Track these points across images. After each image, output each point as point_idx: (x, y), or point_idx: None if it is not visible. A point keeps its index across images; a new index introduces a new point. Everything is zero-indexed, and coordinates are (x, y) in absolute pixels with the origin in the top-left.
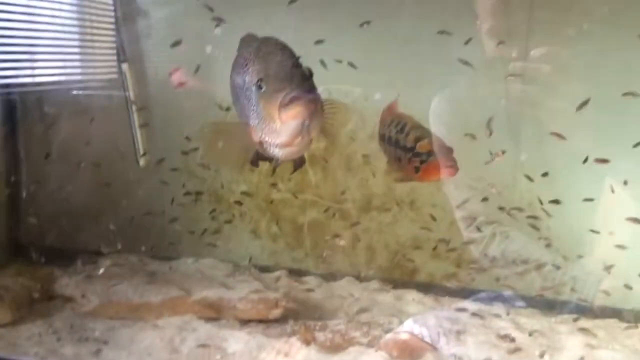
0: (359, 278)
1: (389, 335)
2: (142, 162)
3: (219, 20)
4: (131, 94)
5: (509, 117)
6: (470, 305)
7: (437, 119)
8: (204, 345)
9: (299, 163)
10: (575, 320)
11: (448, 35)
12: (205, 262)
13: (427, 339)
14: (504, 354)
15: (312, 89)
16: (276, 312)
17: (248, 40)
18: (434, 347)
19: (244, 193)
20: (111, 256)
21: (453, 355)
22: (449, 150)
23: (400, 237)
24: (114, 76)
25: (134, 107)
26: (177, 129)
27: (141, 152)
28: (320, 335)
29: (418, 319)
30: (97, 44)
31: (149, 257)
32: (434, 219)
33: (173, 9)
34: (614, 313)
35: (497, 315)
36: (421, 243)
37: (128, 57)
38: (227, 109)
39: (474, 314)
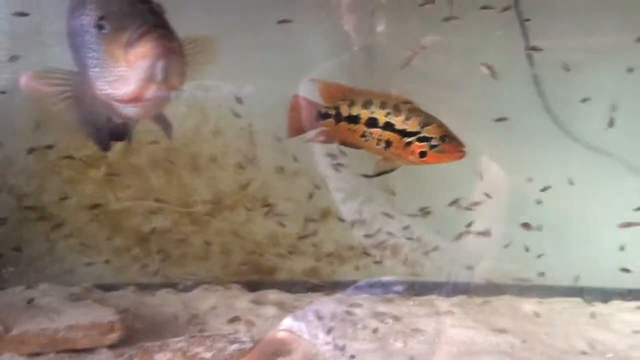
0: (215, 284)
1: (267, 335)
2: None
3: None
4: None
5: None
6: (341, 297)
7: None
8: None
9: (164, 124)
10: (433, 301)
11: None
12: (38, 289)
13: (305, 335)
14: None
15: (164, 24)
16: (112, 337)
17: None
18: (312, 342)
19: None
20: None
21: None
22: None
23: (256, 235)
24: None
25: None
26: None
27: None
28: (160, 357)
29: (297, 316)
30: None
31: None
32: None
33: None
34: (471, 289)
35: (358, 305)
36: (278, 240)
37: None
38: None
39: (351, 305)
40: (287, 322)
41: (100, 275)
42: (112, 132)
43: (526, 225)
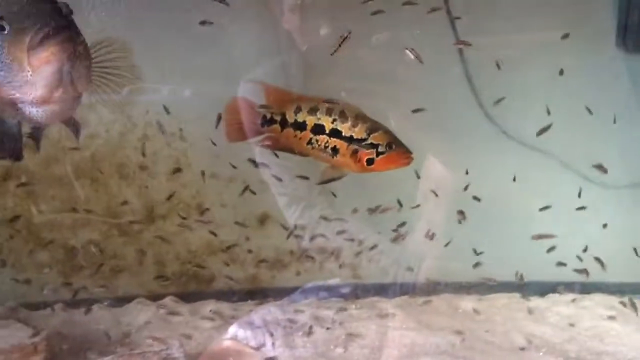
0: (150, 297)
1: (212, 345)
2: None
3: None
4: None
5: None
6: (282, 303)
7: None
8: None
9: (73, 127)
10: (374, 303)
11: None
12: None
13: (252, 343)
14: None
15: (69, 25)
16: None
17: None
18: (258, 350)
19: None
20: None
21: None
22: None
23: (191, 244)
24: None
25: None
26: None
27: None
28: None
29: (242, 323)
30: None
31: None
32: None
33: None
34: (412, 289)
35: (299, 311)
36: (214, 248)
37: None
38: None
39: (292, 312)
40: (232, 330)
41: (25, 293)
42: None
43: (461, 214)
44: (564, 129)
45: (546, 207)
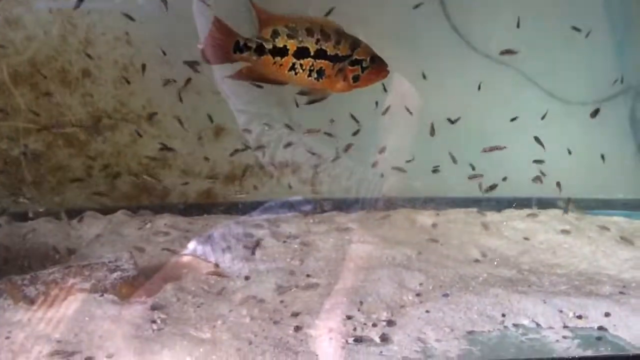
0: (101, 211)
1: (171, 260)
2: None
3: None
4: None
5: None
6: (239, 218)
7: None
8: None
9: None
10: (332, 218)
11: None
12: None
13: (211, 258)
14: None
15: None
16: None
17: None
18: (216, 265)
19: None
20: None
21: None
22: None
23: (143, 157)
24: None
25: None
26: None
27: None
28: (30, 291)
29: (201, 239)
30: None
31: None
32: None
33: None
34: (370, 204)
35: (257, 225)
36: (168, 161)
37: None
38: None
39: (249, 226)
40: (191, 246)
41: None
42: None
43: (432, 128)
44: (530, 43)
45: (507, 121)
